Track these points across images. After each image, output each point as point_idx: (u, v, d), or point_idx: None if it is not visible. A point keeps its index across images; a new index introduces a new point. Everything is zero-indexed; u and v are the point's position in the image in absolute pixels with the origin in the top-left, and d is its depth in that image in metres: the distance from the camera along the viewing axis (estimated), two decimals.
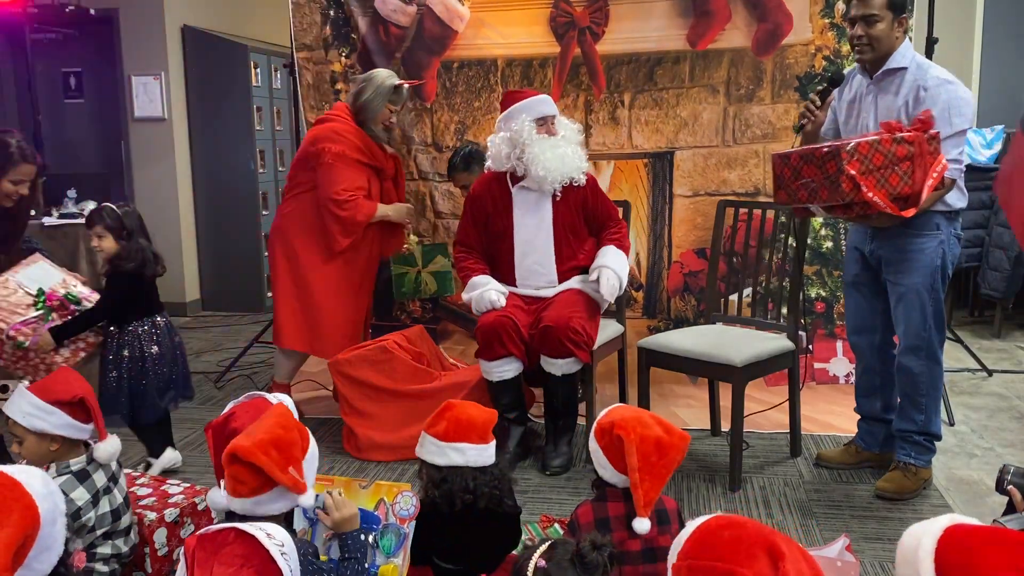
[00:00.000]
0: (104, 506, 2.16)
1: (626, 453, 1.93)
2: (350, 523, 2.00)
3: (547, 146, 3.27)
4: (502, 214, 3.40)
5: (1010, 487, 2.01)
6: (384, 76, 3.62)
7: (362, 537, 2.01)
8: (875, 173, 2.52)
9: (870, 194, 2.50)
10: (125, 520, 2.23)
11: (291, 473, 1.77)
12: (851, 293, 3.16)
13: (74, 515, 2.07)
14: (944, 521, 1.23)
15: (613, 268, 3.30)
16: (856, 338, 3.17)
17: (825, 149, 2.58)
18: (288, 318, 3.69)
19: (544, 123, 3.33)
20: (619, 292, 3.34)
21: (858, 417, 3.25)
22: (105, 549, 2.16)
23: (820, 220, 4.07)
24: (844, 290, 3.28)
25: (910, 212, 2.59)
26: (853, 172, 2.49)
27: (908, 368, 2.94)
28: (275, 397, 2.13)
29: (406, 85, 3.68)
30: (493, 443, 2.16)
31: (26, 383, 2.21)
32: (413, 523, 2.17)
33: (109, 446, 2.22)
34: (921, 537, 1.21)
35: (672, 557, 1.33)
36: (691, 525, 1.35)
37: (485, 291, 3.31)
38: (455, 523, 2.11)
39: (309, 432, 1.96)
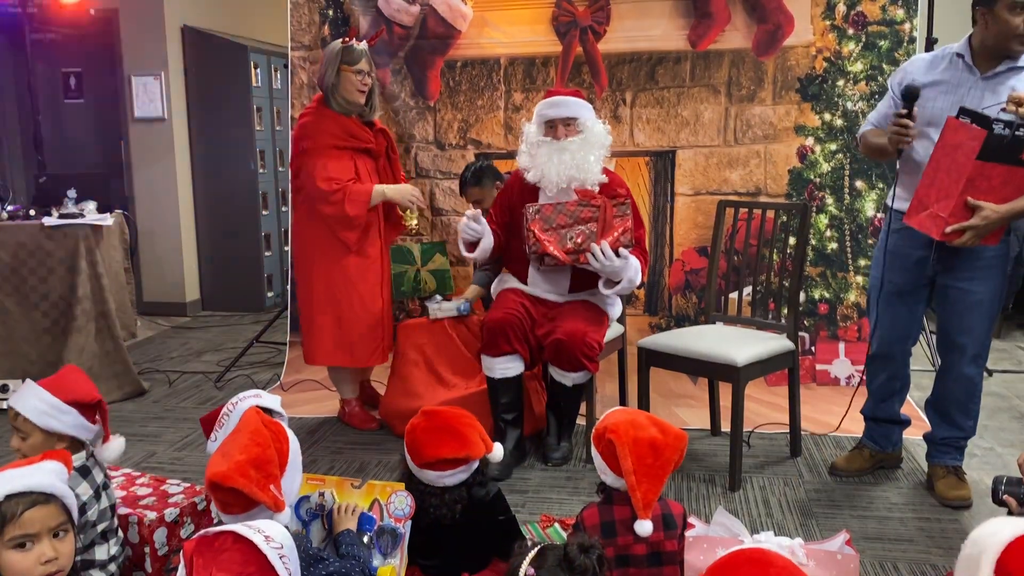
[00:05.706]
0: (104, 501, 2.15)
1: (619, 457, 1.93)
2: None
3: (551, 149, 3.19)
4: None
5: (1006, 496, 2.03)
6: (333, 45, 3.44)
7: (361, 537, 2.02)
8: (558, 231, 3.13)
9: (550, 247, 3.12)
10: (115, 519, 2.23)
11: (271, 491, 1.76)
12: (892, 303, 2.94)
13: (80, 510, 2.05)
14: (1015, 528, 1.25)
15: (631, 262, 3.12)
16: (892, 348, 3.01)
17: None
18: (321, 334, 3.56)
19: (554, 126, 3.23)
20: (619, 288, 3.15)
21: (862, 418, 3.20)
22: (102, 555, 2.14)
23: (825, 221, 4.09)
24: (881, 300, 2.96)
25: (582, 261, 3.10)
26: (535, 229, 3.14)
27: (970, 377, 2.87)
28: (254, 398, 2.09)
29: (355, 42, 3.41)
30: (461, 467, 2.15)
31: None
32: (409, 523, 2.16)
33: (115, 447, 2.19)
34: (989, 538, 1.24)
35: (701, 563, 1.35)
36: (730, 549, 1.36)
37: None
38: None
39: (285, 428, 1.92)
